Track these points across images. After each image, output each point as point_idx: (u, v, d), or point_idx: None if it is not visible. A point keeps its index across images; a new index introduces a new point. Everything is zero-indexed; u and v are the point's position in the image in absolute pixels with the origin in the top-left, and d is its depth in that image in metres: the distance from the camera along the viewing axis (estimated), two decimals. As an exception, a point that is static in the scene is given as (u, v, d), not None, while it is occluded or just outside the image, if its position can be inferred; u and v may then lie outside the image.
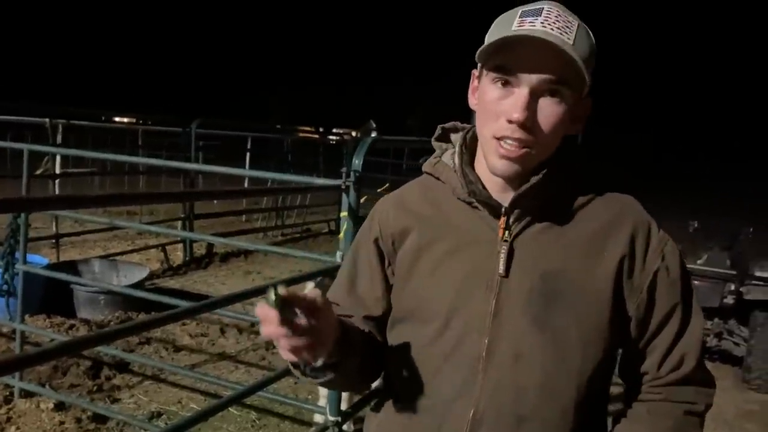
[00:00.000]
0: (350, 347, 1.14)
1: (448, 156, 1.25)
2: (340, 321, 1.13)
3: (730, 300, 4.75)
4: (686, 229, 5.44)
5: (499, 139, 1.09)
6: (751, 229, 5.35)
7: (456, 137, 1.27)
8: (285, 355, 1.01)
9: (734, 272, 4.85)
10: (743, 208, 14.91)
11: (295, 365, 1.12)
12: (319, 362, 1.06)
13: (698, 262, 5.10)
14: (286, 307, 0.94)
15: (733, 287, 4.78)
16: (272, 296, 0.92)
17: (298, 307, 0.96)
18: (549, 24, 1.04)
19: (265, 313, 0.94)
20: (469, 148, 1.23)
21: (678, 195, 14.51)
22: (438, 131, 1.29)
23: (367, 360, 1.24)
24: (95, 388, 4.00)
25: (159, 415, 3.79)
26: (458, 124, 1.29)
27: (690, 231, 5.45)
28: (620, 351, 1.24)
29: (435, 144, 1.29)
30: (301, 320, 0.96)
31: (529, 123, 1.06)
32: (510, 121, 1.07)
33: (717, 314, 5.03)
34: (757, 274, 4.94)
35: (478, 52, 1.10)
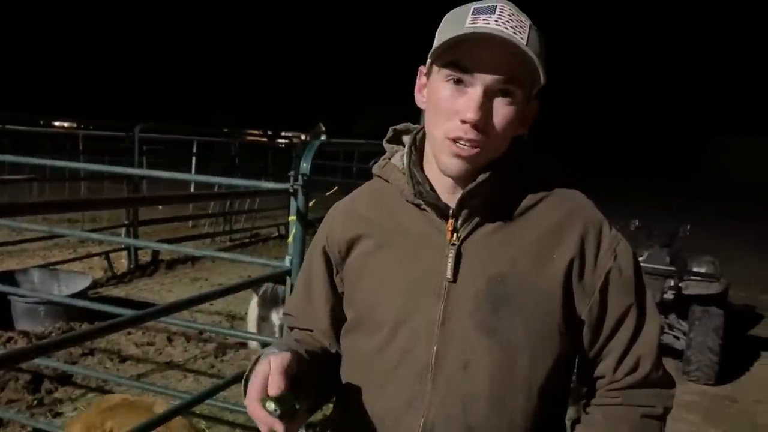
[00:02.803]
0: (308, 384, 1.09)
1: (397, 158, 1.23)
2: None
3: (670, 295, 4.91)
4: (628, 227, 5.60)
5: (452, 139, 1.08)
6: (689, 227, 5.55)
7: (407, 139, 1.24)
8: None
9: (673, 269, 5.01)
10: (678, 206, 15.49)
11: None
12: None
13: (639, 259, 5.25)
14: (286, 412, 0.96)
15: (672, 283, 4.93)
16: (272, 406, 0.94)
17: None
18: (503, 23, 1.03)
19: (271, 423, 0.95)
20: (419, 148, 1.21)
21: (616, 193, 14.95)
22: (390, 133, 1.27)
23: (325, 381, 1.23)
24: (35, 402, 3.86)
25: (104, 427, 3.67)
26: (410, 125, 1.27)
27: (631, 229, 5.61)
28: (577, 355, 1.21)
29: (386, 146, 1.27)
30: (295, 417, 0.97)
31: (482, 124, 1.05)
32: (464, 122, 1.05)
33: (658, 309, 5.20)
34: (695, 270, 5.13)
35: (431, 50, 1.08)
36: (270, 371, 0.97)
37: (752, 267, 9.85)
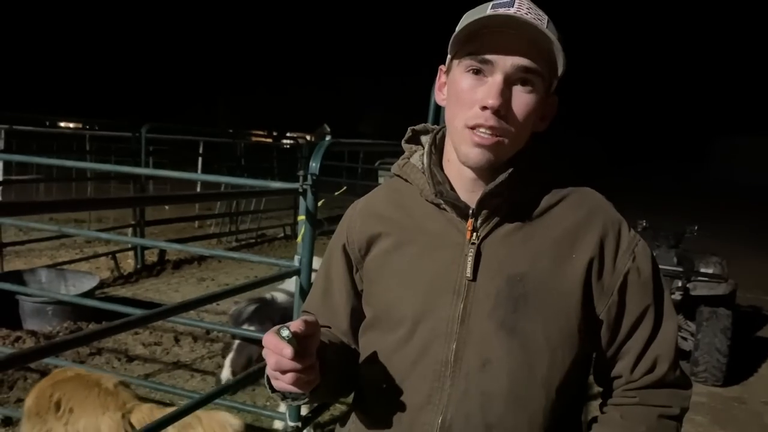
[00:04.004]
0: (327, 367, 1.11)
1: (416, 157, 1.24)
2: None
3: (677, 296, 4.88)
4: (635, 228, 5.56)
5: (472, 128, 1.08)
6: (696, 228, 5.52)
7: (426, 139, 1.25)
8: (281, 386, 1.02)
9: (681, 269, 4.98)
10: (684, 205, 15.43)
11: (272, 389, 1.09)
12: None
13: None
14: (297, 342, 0.97)
15: (680, 284, 4.91)
16: (286, 332, 0.95)
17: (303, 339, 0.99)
18: (522, 14, 1.04)
19: (279, 347, 0.96)
20: (439, 148, 1.22)
21: (620, 193, 14.90)
22: (408, 133, 1.28)
23: (345, 374, 1.24)
24: (44, 401, 3.87)
25: (112, 427, 3.68)
26: (428, 125, 1.28)
27: (638, 230, 5.58)
28: (594, 355, 1.21)
29: (405, 146, 1.27)
30: (307, 357, 1.00)
31: (503, 110, 1.05)
32: (484, 108, 1.05)
33: None
34: (702, 270, 5.10)
35: (451, 40, 1.09)
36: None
37: (759, 268, 9.81)
